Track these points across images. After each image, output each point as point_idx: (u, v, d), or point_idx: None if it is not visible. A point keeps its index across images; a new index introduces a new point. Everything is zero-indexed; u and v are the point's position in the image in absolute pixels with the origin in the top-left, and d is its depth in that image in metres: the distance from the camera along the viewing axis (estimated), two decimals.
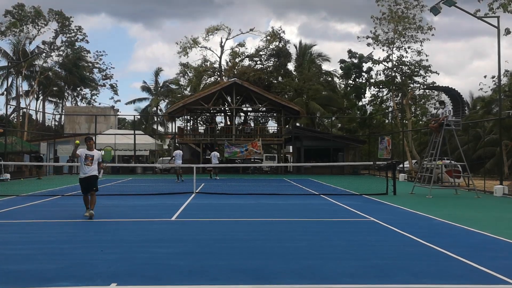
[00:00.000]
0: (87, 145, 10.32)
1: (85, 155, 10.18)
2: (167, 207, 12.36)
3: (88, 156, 10.20)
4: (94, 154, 10.33)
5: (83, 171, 10.21)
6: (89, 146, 10.34)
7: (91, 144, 10.39)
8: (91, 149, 10.37)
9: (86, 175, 10.18)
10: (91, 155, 10.24)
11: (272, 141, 38.13)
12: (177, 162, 23.66)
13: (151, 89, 56.66)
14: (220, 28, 46.64)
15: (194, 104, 35.50)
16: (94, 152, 10.38)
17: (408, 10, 30.52)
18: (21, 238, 7.93)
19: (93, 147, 10.45)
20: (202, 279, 5.30)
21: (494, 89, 34.84)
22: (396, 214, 11.36)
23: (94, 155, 10.32)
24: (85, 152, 10.22)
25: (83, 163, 10.16)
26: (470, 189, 18.91)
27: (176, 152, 24.88)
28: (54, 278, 5.33)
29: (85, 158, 10.16)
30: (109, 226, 9.20)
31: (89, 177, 10.19)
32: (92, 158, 10.21)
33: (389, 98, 35.43)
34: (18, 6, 45.52)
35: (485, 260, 6.23)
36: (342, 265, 5.99)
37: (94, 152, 10.40)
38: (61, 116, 51.17)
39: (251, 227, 9.26)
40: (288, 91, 43.97)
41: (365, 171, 35.67)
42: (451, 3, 18.14)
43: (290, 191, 17.70)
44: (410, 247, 7.26)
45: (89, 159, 10.17)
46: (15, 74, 47.72)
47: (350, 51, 38.00)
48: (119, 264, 6.00)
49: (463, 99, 17.22)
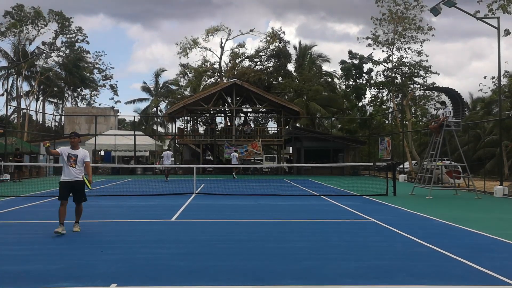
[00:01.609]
0: (70, 142, 8.69)
1: (68, 154, 8.51)
2: (167, 207, 12.36)
3: (71, 155, 8.49)
4: (79, 154, 8.58)
5: (65, 173, 8.47)
6: (73, 144, 8.66)
7: (75, 141, 8.68)
8: (76, 147, 8.66)
9: (69, 179, 8.45)
10: (74, 155, 8.52)
11: (272, 141, 38.14)
12: (165, 163, 24.43)
13: (151, 90, 56.72)
14: (220, 28, 46.69)
15: (194, 105, 35.50)
16: (79, 151, 8.63)
17: (408, 10, 30.56)
18: (21, 239, 7.93)
19: (77, 146, 8.72)
20: (202, 280, 5.30)
21: (494, 90, 34.85)
22: (396, 214, 11.36)
23: (79, 154, 8.57)
24: (68, 150, 8.57)
25: (65, 163, 8.50)
26: (470, 190, 18.92)
27: (164, 153, 25.77)
28: (54, 279, 5.33)
29: (68, 157, 8.48)
30: (109, 227, 9.21)
31: (74, 182, 8.46)
32: (75, 158, 8.48)
33: (389, 99, 35.44)
34: (18, 6, 45.53)
35: (485, 261, 6.23)
36: (342, 265, 5.99)
37: (79, 151, 8.64)
38: (61, 116, 51.21)
39: (251, 228, 9.26)
40: (288, 91, 44.00)
41: (365, 172, 35.66)
42: (451, 4, 18.15)
43: (290, 192, 17.69)
44: (410, 247, 7.26)
45: (72, 159, 8.46)
46: (15, 74, 47.73)
47: (350, 52, 38.03)
48: (119, 264, 6.00)
49: (463, 100, 17.22)
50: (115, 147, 33.01)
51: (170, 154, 25.84)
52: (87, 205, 9.82)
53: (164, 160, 24.68)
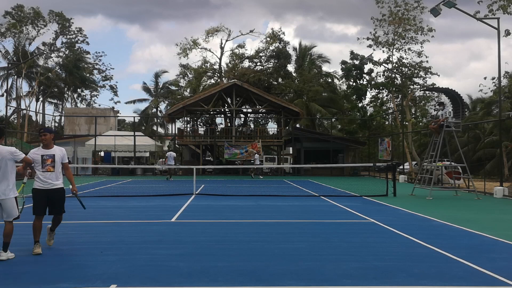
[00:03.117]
0: (41, 140, 6.82)
1: (41, 156, 6.70)
2: (167, 208, 12.36)
3: (46, 157, 6.71)
4: (55, 153, 6.79)
5: (39, 179, 6.67)
6: (45, 142, 6.80)
7: (48, 139, 6.79)
8: (49, 146, 6.81)
9: (45, 186, 6.67)
10: (49, 155, 6.73)
11: (272, 142, 38.13)
12: (169, 163, 25.85)
13: (151, 90, 56.72)
14: (220, 29, 46.70)
15: (194, 106, 35.49)
16: (54, 150, 6.81)
17: (409, 12, 30.57)
18: (20, 240, 7.91)
19: (51, 144, 6.86)
20: (201, 281, 5.30)
21: (494, 90, 34.85)
22: (396, 215, 11.36)
23: (55, 154, 6.79)
24: (41, 152, 6.76)
25: (39, 170, 6.67)
26: (470, 190, 18.91)
27: (168, 154, 27.19)
28: (54, 279, 5.33)
29: (42, 161, 6.68)
30: (109, 228, 9.19)
31: (52, 191, 6.72)
32: (52, 159, 6.73)
33: (389, 99, 35.45)
34: (17, 7, 45.56)
35: (485, 262, 6.23)
36: (341, 266, 5.99)
37: (55, 150, 6.82)
38: (61, 117, 51.17)
39: (250, 228, 9.25)
40: (288, 92, 44.01)
41: (365, 173, 35.67)
42: (451, 5, 18.15)
43: (290, 193, 17.69)
44: (410, 248, 7.25)
45: (48, 161, 6.69)
46: (15, 75, 47.73)
47: (352, 52, 38.04)
48: (119, 265, 6.00)
49: (462, 101, 17.23)
50: (115, 148, 33.00)
51: (174, 155, 27.09)
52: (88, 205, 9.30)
53: (168, 161, 25.90)
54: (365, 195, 16.26)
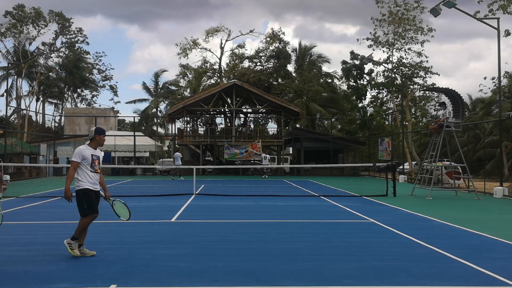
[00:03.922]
0: (99, 140, 6.63)
1: (91, 156, 6.52)
2: (166, 208, 12.36)
3: (94, 158, 6.55)
4: (100, 156, 6.76)
5: (89, 179, 6.50)
6: (100, 143, 6.68)
7: (102, 140, 6.69)
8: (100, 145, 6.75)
9: (95, 188, 6.60)
10: (96, 156, 6.61)
11: (272, 142, 38.14)
12: (176, 163, 26.47)
13: (151, 90, 56.71)
14: (220, 29, 46.71)
15: (194, 106, 35.50)
16: (99, 152, 6.77)
17: (408, 12, 30.57)
18: (21, 240, 7.92)
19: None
20: (201, 281, 5.30)
21: (494, 90, 34.86)
22: (396, 215, 11.36)
23: (100, 156, 6.75)
24: (90, 151, 6.56)
25: (88, 169, 6.47)
26: (470, 190, 18.92)
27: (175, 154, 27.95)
28: (54, 279, 5.33)
29: (92, 161, 6.50)
30: (109, 227, 9.19)
31: (98, 192, 6.74)
32: (98, 160, 6.62)
33: (389, 99, 35.45)
34: (18, 6, 45.54)
35: (485, 262, 6.23)
36: (341, 266, 5.99)
37: (100, 152, 6.82)
38: (61, 117, 51.18)
39: (250, 228, 9.25)
40: (288, 92, 44.00)
41: (365, 173, 35.67)
42: (451, 5, 18.15)
43: (290, 193, 17.69)
44: (409, 248, 7.26)
45: (96, 162, 6.55)
46: (16, 75, 47.72)
47: (352, 52, 38.03)
48: (119, 265, 6.00)
49: (462, 101, 17.23)
50: (115, 148, 33.00)
51: (180, 155, 27.95)
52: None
53: (176, 161, 26.82)
54: (365, 195, 16.26)
